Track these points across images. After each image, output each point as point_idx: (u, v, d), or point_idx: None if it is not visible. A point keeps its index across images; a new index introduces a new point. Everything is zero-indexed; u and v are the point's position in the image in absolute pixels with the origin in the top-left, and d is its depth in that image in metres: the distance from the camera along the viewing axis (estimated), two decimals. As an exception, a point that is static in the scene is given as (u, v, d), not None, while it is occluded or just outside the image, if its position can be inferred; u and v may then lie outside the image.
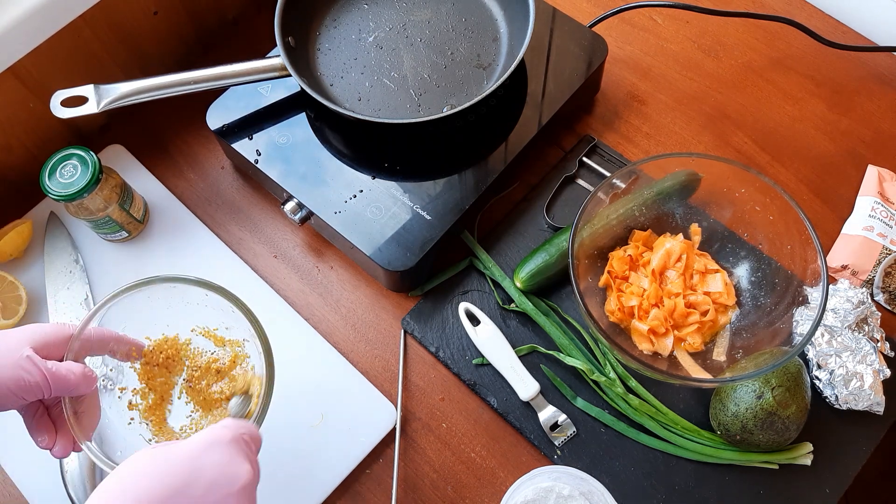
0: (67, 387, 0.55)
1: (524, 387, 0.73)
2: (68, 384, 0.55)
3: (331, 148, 0.79)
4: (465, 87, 0.80)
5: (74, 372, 0.55)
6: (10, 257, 0.81)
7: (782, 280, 0.72)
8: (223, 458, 0.49)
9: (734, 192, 0.74)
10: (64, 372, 0.54)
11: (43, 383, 0.53)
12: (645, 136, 0.88)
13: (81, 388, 0.56)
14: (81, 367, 0.56)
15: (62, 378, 0.54)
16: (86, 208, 0.75)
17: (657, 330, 0.71)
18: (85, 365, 0.57)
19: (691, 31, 0.95)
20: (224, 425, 0.51)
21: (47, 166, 0.73)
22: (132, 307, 0.62)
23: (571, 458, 0.71)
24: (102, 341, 0.59)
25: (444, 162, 0.78)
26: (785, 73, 0.91)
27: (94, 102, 0.74)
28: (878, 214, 0.80)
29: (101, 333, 0.59)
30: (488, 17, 0.84)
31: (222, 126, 0.81)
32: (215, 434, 0.50)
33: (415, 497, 0.71)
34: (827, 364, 0.70)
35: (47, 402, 0.58)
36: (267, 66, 0.77)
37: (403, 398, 0.75)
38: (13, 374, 0.52)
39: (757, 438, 0.67)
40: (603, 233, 0.75)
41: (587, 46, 0.83)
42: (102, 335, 0.59)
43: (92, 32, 0.82)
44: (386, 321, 0.79)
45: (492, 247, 0.80)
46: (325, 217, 0.75)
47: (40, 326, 0.56)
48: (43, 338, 0.55)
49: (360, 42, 0.83)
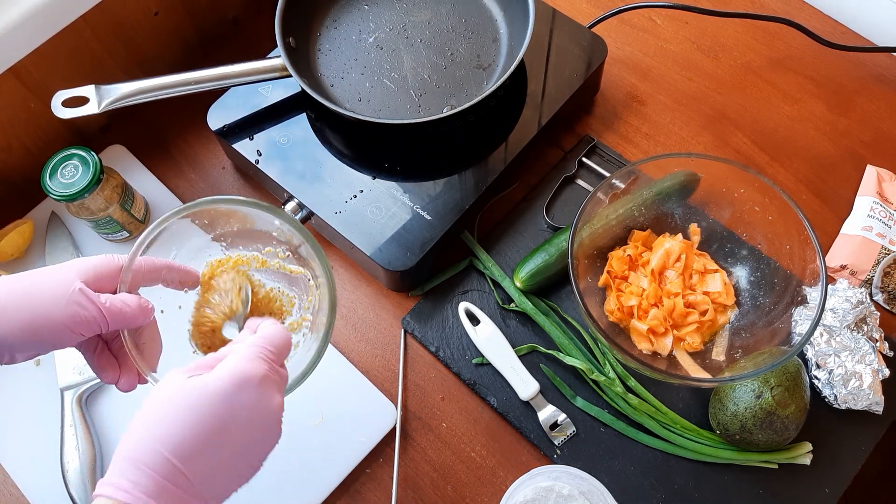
0: (125, 319, 0.52)
1: (524, 386, 0.73)
2: (125, 317, 0.52)
3: (331, 148, 0.79)
4: (465, 87, 0.80)
5: (130, 304, 0.53)
6: (11, 257, 0.81)
7: (781, 280, 0.72)
8: (257, 395, 0.47)
9: (733, 192, 0.74)
10: (119, 304, 0.52)
11: (99, 317, 0.51)
12: (644, 136, 0.88)
13: (139, 320, 0.53)
14: (136, 298, 0.54)
15: (118, 311, 0.52)
16: (87, 208, 0.75)
17: (656, 329, 0.71)
18: (140, 296, 0.54)
19: (691, 31, 0.95)
20: (256, 355, 0.49)
21: (48, 166, 0.74)
22: (181, 235, 0.59)
23: (571, 457, 0.71)
24: (154, 271, 0.56)
25: (444, 162, 0.78)
26: (784, 73, 0.91)
27: (94, 103, 0.74)
28: (876, 214, 0.80)
29: (152, 263, 0.56)
30: (488, 17, 0.84)
31: (223, 126, 0.81)
32: (249, 369, 0.48)
33: (415, 497, 0.71)
34: (826, 364, 0.71)
35: (106, 337, 0.56)
36: (267, 66, 0.77)
37: (403, 398, 0.75)
38: (68, 310, 0.50)
39: (756, 438, 0.67)
40: (602, 233, 0.75)
41: (587, 47, 0.83)
42: (153, 265, 0.56)
43: (93, 33, 0.82)
44: (386, 321, 0.79)
45: (492, 247, 0.81)
46: (326, 217, 0.75)
47: (88, 259, 0.53)
48: (93, 270, 0.52)
49: (361, 43, 0.83)
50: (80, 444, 0.71)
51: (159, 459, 0.43)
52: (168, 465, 0.43)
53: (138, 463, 0.43)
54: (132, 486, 0.43)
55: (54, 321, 0.50)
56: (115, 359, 0.56)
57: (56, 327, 0.50)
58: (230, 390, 0.46)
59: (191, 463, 0.44)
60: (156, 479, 0.43)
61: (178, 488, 0.43)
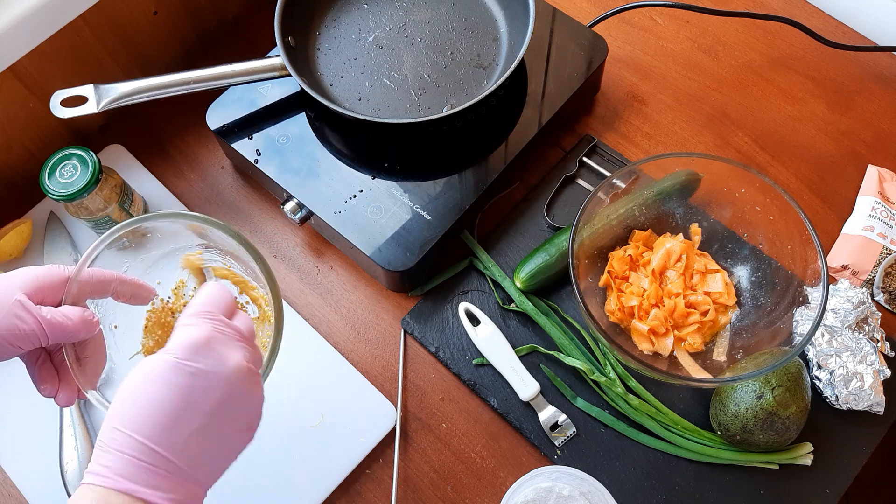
0: (66, 333, 0.51)
1: (524, 387, 0.73)
2: (66, 330, 0.51)
3: (331, 148, 0.79)
4: (465, 86, 0.80)
5: (71, 317, 0.51)
6: (9, 257, 0.80)
7: (782, 280, 0.72)
8: (209, 358, 0.46)
9: (734, 192, 0.74)
10: (60, 318, 0.51)
11: (38, 330, 0.50)
12: (645, 135, 0.88)
13: (81, 334, 0.52)
14: (80, 311, 0.52)
15: (58, 324, 0.51)
16: (85, 208, 0.75)
17: (657, 330, 0.71)
18: (85, 308, 0.53)
19: (691, 30, 0.94)
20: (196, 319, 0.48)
21: (47, 166, 0.73)
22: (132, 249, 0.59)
23: (571, 458, 0.71)
24: (102, 283, 0.55)
25: (444, 162, 0.78)
26: (785, 73, 0.91)
27: (93, 102, 0.73)
28: (878, 214, 0.80)
29: (101, 275, 0.55)
30: (488, 16, 0.84)
31: (222, 126, 0.80)
32: (191, 335, 0.47)
33: (415, 497, 0.71)
34: (827, 364, 0.70)
35: (49, 349, 0.55)
36: (267, 65, 0.77)
37: (403, 398, 0.75)
38: (6, 323, 0.48)
39: (757, 438, 0.67)
40: (603, 233, 0.75)
41: (587, 46, 0.83)
42: (102, 276, 0.55)
43: (92, 32, 0.82)
44: (386, 321, 0.79)
45: (492, 247, 0.80)
46: (325, 217, 0.75)
47: (32, 269, 0.52)
48: (36, 282, 0.51)
49: (360, 42, 0.83)
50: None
51: (126, 440, 0.43)
52: (137, 444, 0.43)
53: (107, 448, 0.43)
54: (105, 470, 0.43)
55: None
56: (56, 371, 0.55)
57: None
58: (180, 359, 0.46)
59: (162, 438, 0.44)
60: (128, 459, 0.43)
61: (157, 466, 0.43)
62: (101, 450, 0.44)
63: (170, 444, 0.44)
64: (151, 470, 0.43)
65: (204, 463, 0.46)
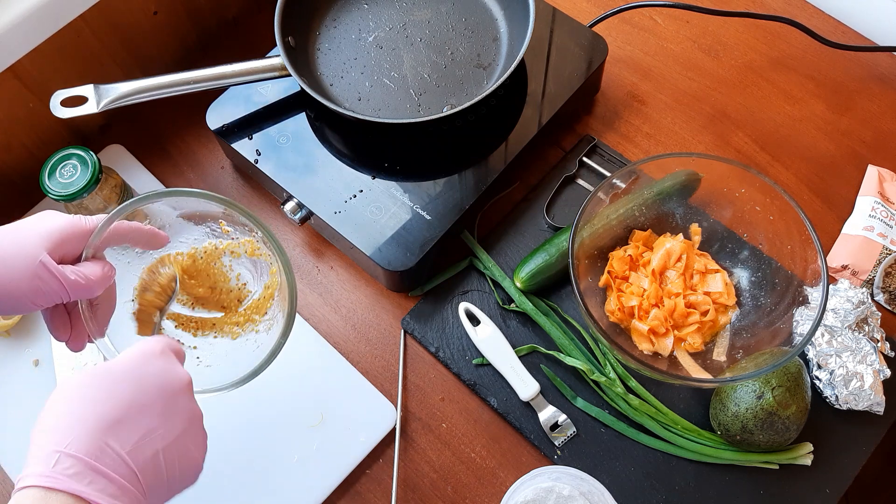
0: (86, 292, 0.53)
1: (524, 387, 0.73)
2: (87, 289, 0.53)
3: (331, 148, 0.79)
4: (465, 86, 0.80)
5: (92, 277, 0.53)
6: (9, 257, 0.80)
7: (782, 280, 0.72)
8: (161, 364, 0.50)
9: (734, 192, 0.74)
10: (83, 280, 0.53)
11: (60, 290, 0.52)
12: (645, 135, 0.88)
13: (99, 290, 0.55)
14: (100, 267, 0.55)
15: (81, 286, 0.53)
16: (85, 208, 0.75)
17: (657, 330, 0.71)
18: (104, 263, 0.55)
19: (691, 31, 0.94)
20: (153, 339, 0.52)
21: (47, 166, 0.73)
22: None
23: (571, 458, 0.71)
24: (119, 234, 0.57)
25: (444, 162, 0.78)
26: (785, 73, 0.91)
27: (93, 102, 0.73)
28: (878, 214, 0.80)
29: (120, 226, 0.57)
30: (488, 16, 0.84)
31: (222, 126, 0.80)
32: (147, 346, 0.51)
33: (415, 497, 0.71)
34: (827, 364, 0.70)
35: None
36: (267, 65, 0.77)
37: (403, 398, 0.75)
38: (30, 284, 0.50)
39: (757, 438, 0.67)
40: (603, 233, 0.75)
41: (587, 46, 0.83)
42: (119, 228, 0.57)
43: (92, 32, 0.82)
44: (386, 321, 0.79)
45: (492, 247, 0.80)
46: (325, 217, 0.75)
47: (55, 222, 0.53)
48: (59, 236, 0.53)
49: (360, 42, 0.83)
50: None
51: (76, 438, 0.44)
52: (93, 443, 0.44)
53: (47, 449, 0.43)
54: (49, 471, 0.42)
55: (16, 292, 0.51)
56: (69, 316, 0.57)
57: (18, 297, 0.51)
58: (137, 359, 0.49)
59: (110, 437, 0.45)
60: (78, 458, 0.43)
61: (105, 466, 0.43)
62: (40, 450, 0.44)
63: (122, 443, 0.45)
64: (99, 470, 0.44)
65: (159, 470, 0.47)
